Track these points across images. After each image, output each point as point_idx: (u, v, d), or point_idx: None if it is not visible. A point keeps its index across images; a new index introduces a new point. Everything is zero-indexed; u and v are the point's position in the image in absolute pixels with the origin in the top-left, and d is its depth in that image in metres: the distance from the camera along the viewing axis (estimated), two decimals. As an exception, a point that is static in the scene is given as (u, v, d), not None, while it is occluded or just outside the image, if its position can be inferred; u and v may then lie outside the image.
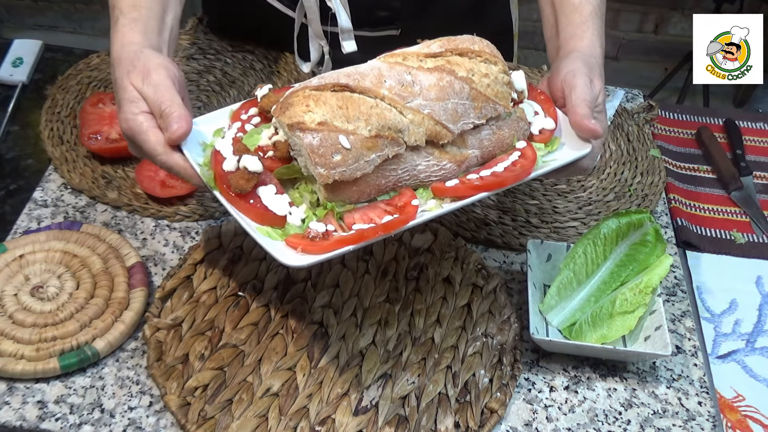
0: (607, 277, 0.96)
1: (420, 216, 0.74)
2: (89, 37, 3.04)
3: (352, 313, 0.94)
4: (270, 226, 0.73)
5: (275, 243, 0.71)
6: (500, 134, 0.82)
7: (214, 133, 0.81)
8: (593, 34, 0.90)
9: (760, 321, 1.03)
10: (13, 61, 1.26)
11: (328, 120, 0.72)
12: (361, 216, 0.75)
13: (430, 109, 0.76)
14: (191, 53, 1.32)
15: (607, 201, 1.16)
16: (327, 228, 0.72)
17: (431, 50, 0.80)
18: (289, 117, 0.72)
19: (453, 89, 0.77)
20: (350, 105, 0.73)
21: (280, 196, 0.75)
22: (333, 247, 0.70)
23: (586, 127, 0.80)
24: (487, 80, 0.79)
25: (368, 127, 0.73)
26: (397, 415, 0.84)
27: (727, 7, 2.52)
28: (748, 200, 1.19)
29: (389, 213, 0.75)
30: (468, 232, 1.07)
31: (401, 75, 0.76)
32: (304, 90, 0.74)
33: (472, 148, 0.80)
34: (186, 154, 0.76)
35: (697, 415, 0.89)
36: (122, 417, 0.82)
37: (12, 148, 1.13)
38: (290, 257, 0.69)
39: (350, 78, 0.74)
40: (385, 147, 0.74)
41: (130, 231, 1.02)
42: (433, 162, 0.78)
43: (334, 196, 0.74)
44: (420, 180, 0.78)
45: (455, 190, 0.77)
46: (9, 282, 0.91)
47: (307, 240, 0.71)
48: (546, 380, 0.91)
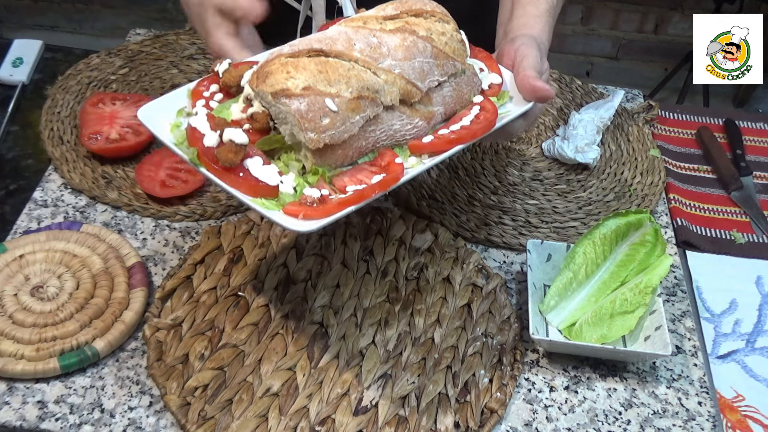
0: (607, 277, 0.96)
1: (407, 173, 0.76)
2: (89, 37, 3.04)
3: (352, 313, 0.94)
4: (263, 197, 0.73)
5: (276, 213, 0.71)
6: (459, 91, 0.84)
7: (176, 113, 0.80)
8: (543, 28, 0.93)
9: (760, 321, 1.03)
10: (13, 61, 1.26)
11: (312, 84, 0.72)
12: (350, 178, 0.76)
13: (400, 68, 0.77)
14: (191, 53, 1.32)
15: (607, 201, 1.16)
16: (321, 193, 0.73)
17: (387, 13, 0.81)
18: (270, 85, 0.72)
19: (417, 48, 0.79)
20: (329, 69, 0.73)
21: (268, 166, 0.74)
22: (336, 209, 0.70)
23: (535, 85, 0.83)
24: (444, 38, 0.82)
25: (349, 89, 0.74)
26: (397, 415, 0.84)
27: (727, 7, 2.53)
28: (748, 200, 1.19)
29: (376, 173, 0.76)
30: (468, 232, 1.07)
31: (367, 38, 0.77)
32: (279, 58, 0.74)
33: (437, 105, 0.82)
34: (158, 136, 0.76)
35: (697, 415, 0.89)
36: (122, 417, 0.82)
37: (12, 148, 1.13)
38: (297, 224, 0.69)
39: (322, 43, 0.75)
40: (366, 108, 0.75)
41: (130, 231, 1.02)
42: (407, 120, 0.80)
43: (321, 161, 0.75)
44: (396, 139, 0.80)
45: (432, 145, 0.79)
46: (9, 282, 0.91)
47: (306, 206, 0.71)
48: (546, 380, 0.92)
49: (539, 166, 1.21)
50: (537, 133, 1.27)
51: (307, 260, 0.98)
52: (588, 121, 1.21)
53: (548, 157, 1.22)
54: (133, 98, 1.15)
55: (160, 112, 0.79)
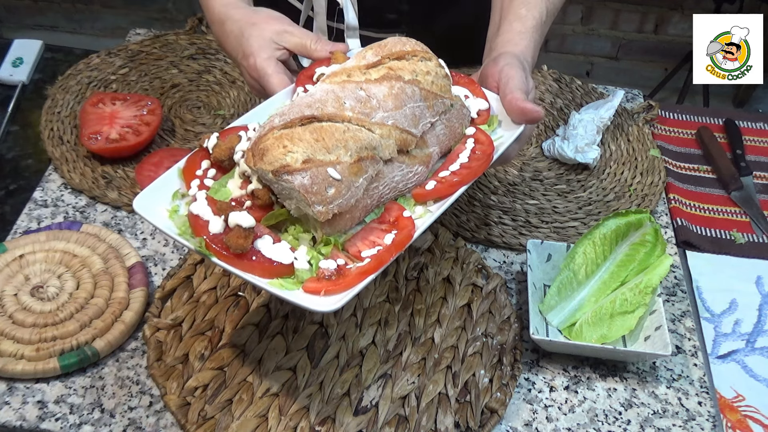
0: (607, 277, 0.96)
1: (418, 226, 0.74)
2: (89, 37, 3.04)
3: (352, 313, 0.94)
4: (280, 277, 0.70)
5: (296, 293, 0.69)
6: (451, 126, 0.83)
7: (172, 196, 0.76)
8: (528, 45, 0.92)
9: (760, 321, 1.03)
10: (13, 61, 1.26)
11: (311, 156, 0.69)
12: (362, 242, 0.73)
13: (393, 119, 0.76)
14: (191, 53, 1.32)
15: (607, 201, 1.16)
16: (338, 263, 0.70)
17: (368, 60, 0.79)
18: (269, 163, 0.69)
19: (406, 94, 0.77)
20: (325, 135, 0.71)
21: (279, 244, 0.72)
22: (356, 280, 0.68)
23: (524, 108, 0.81)
24: (430, 77, 0.80)
25: (348, 153, 0.71)
26: (397, 415, 0.84)
27: (727, 7, 2.52)
28: (748, 200, 1.19)
29: (387, 231, 0.74)
30: (468, 232, 1.07)
31: (355, 92, 0.75)
32: (272, 131, 0.71)
33: (432, 146, 0.81)
34: (161, 228, 0.72)
35: (697, 415, 0.89)
36: (122, 417, 0.82)
37: (12, 148, 1.13)
38: (320, 302, 0.67)
39: (313, 108, 0.72)
40: (368, 168, 0.73)
41: (130, 231, 1.02)
42: (407, 169, 0.78)
43: (331, 229, 0.72)
44: (399, 191, 0.78)
45: (437, 191, 0.77)
46: (9, 282, 0.91)
47: (325, 281, 0.69)
48: (546, 380, 0.92)
49: (539, 166, 1.21)
50: (537, 133, 1.27)
51: (307, 260, 0.98)
52: (588, 121, 1.21)
53: (548, 157, 1.22)
54: (133, 98, 1.15)
55: (154, 199, 0.74)
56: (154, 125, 1.12)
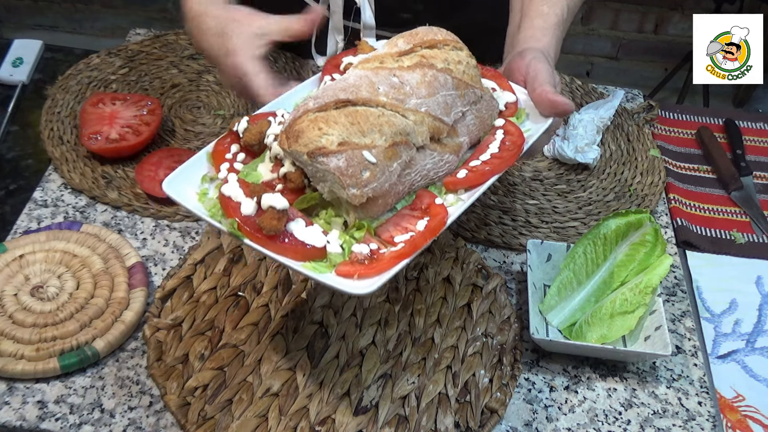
0: (607, 277, 0.96)
1: (450, 213, 0.74)
2: (89, 37, 3.04)
3: (352, 313, 0.94)
4: (312, 260, 0.70)
5: (330, 276, 0.68)
6: (481, 116, 0.83)
7: (201, 180, 0.76)
8: (551, 41, 0.91)
9: (760, 321, 1.03)
10: (13, 61, 1.26)
11: (347, 138, 0.69)
12: (395, 228, 0.73)
13: (426, 106, 0.76)
14: (191, 53, 1.32)
15: (607, 201, 1.16)
16: (371, 248, 0.70)
17: (400, 48, 0.80)
18: (305, 145, 0.69)
19: (438, 82, 0.77)
20: (360, 119, 0.71)
21: (312, 227, 0.71)
22: (390, 264, 0.68)
23: (555, 100, 0.81)
24: (461, 67, 0.80)
25: (383, 137, 0.71)
26: (397, 415, 0.84)
27: (727, 7, 2.52)
28: (748, 200, 1.19)
29: (419, 218, 0.74)
30: (468, 232, 1.07)
31: (389, 78, 0.75)
32: (307, 114, 0.71)
33: (462, 135, 0.81)
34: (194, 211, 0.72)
35: (697, 415, 0.89)
36: (122, 417, 0.82)
37: (12, 148, 1.13)
38: (355, 286, 0.67)
39: (347, 92, 0.73)
40: (402, 153, 0.73)
41: (130, 231, 1.02)
42: (438, 157, 0.78)
43: (364, 214, 0.72)
44: (430, 178, 0.78)
45: (468, 180, 0.77)
46: (9, 282, 0.91)
47: (359, 265, 0.69)
48: (546, 380, 0.92)
49: (539, 166, 1.21)
50: (537, 133, 1.27)
51: (307, 260, 0.98)
52: (588, 121, 1.22)
53: (548, 157, 1.22)
54: (133, 98, 1.15)
55: (183, 182, 0.74)
56: (154, 125, 1.12)
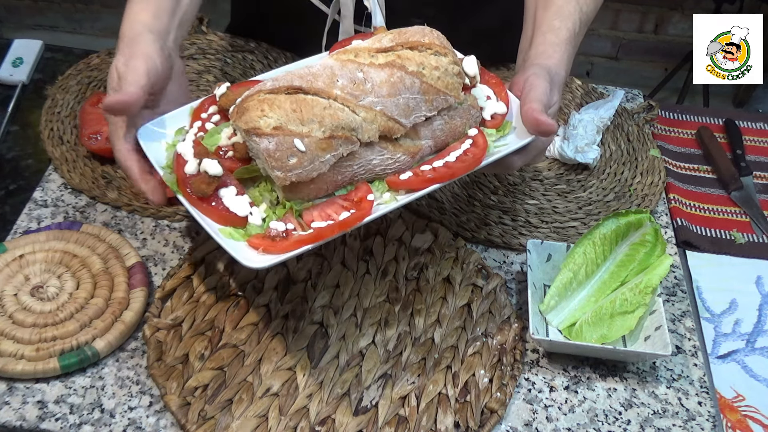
0: (607, 277, 0.96)
1: (376, 210, 0.76)
2: (89, 37, 3.04)
3: (352, 313, 0.94)
4: (232, 227, 0.75)
5: (237, 244, 0.74)
6: (452, 123, 0.83)
7: (176, 132, 0.83)
8: (562, 57, 0.91)
9: (760, 321, 1.03)
10: (13, 61, 1.26)
11: (283, 124, 0.73)
12: (319, 213, 0.77)
13: (382, 105, 0.77)
14: (191, 53, 1.32)
15: (607, 201, 1.16)
16: (287, 227, 0.74)
17: (382, 45, 0.81)
18: (245, 122, 0.74)
19: (404, 84, 0.79)
20: (304, 107, 0.74)
21: (241, 197, 0.77)
22: (291, 247, 0.72)
23: (538, 119, 0.81)
24: (437, 72, 0.81)
25: (322, 129, 0.74)
26: (397, 415, 0.84)
27: (727, 7, 2.52)
28: (748, 200, 1.19)
29: (346, 209, 0.77)
30: (468, 232, 1.07)
31: (353, 73, 0.77)
32: (258, 94, 0.75)
33: (425, 138, 0.82)
34: (149, 157, 0.79)
35: (697, 415, 0.89)
36: (122, 417, 0.82)
37: (12, 148, 1.13)
38: (251, 258, 0.72)
39: (303, 80, 0.76)
40: (339, 146, 0.76)
41: (130, 231, 1.02)
42: (387, 156, 0.80)
43: (292, 194, 0.77)
44: (375, 173, 0.80)
45: (409, 183, 0.79)
46: (9, 282, 0.91)
47: (269, 240, 0.73)
48: (546, 380, 0.92)
49: (539, 166, 1.21)
50: (537, 133, 1.27)
51: (307, 260, 0.98)
52: (588, 121, 1.22)
53: (548, 157, 1.22)
54: (133, 98, 1.15)
55: (159, 130, 0.82)
56: (154, 125, 1.12)
